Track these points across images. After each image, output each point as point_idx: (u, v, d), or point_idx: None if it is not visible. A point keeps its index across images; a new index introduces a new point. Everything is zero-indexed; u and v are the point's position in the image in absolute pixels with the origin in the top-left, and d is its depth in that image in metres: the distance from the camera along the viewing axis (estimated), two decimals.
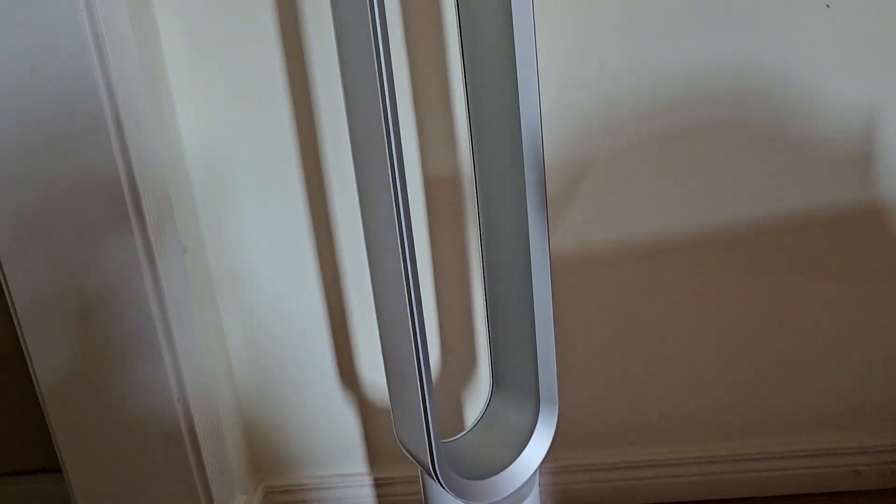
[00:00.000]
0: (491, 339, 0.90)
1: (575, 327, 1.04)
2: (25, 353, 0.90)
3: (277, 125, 0.95)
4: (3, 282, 0.86)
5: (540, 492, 1.09)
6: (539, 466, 0.86)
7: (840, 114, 0.94)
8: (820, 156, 0.96)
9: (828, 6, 0.91)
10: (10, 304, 0.87)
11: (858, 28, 0.91)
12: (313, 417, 1.10)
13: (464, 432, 0.91)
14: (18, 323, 0.88)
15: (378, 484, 1.13)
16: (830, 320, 1.04)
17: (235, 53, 0.93)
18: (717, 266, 1.01)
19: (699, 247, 1.00)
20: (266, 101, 0.94)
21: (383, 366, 0.81)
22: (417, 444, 0.78)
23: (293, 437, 1.11)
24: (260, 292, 1.03)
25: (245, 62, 0.93)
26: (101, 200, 0.81)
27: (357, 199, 0.75)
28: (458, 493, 0.80)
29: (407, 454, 0.82)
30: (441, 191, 0.98)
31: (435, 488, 0.84)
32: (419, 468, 0.83)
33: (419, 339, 0.72)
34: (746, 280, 1.02)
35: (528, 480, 0.85)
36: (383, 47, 0.63)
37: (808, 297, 1.03)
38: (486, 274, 0.87)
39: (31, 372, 0.90)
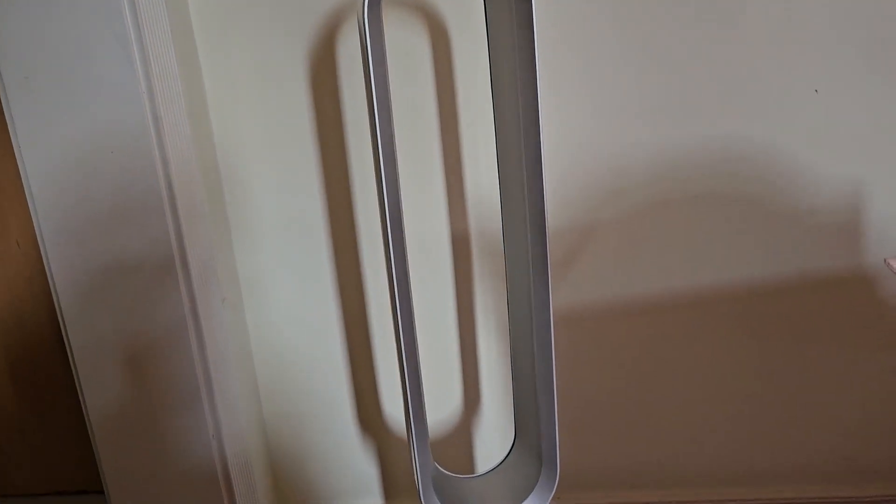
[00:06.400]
0: (513, 392, 0.97)
1: (580, 378, 1.12)
2: (78, 388, 1.00)
3: (309, 193, 1.05)
4: (62, 325, 0.97)
5: None
6: None
7: (827, 188, 1.02)
8: (808, 226, 1.04)
9: (816, 91, 0.98)
10: (67, 344, 0.97)
11: (844, 111, 0.99)
12: (334, 453, 1.19)
13: (475, 475, 1.00)
14: (74, 361, 0.98)
15: None
16: (820, 379, 1.11)
17: (275, 129, 1.03)
18: (712, 325, 1.09)
19: (695, 306, 1.08)
20: (298, 174, 1.04)
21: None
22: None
23: (315, 471, 1.20)
24: (288, 338, 1.13)
25: (284, 139, 1.03)
26: (152, 257, 0.91)
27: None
28: None
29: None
30: (464, 245, 1.08)
31: None
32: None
33: (409, 367, 0.82)
34: (741, 339, 1.09)
35: None
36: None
37: (799, 356, 1.10)
38: (510, 330, 0.95)
39: (83, 405, 1.01)
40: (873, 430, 1.13)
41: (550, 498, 0.91)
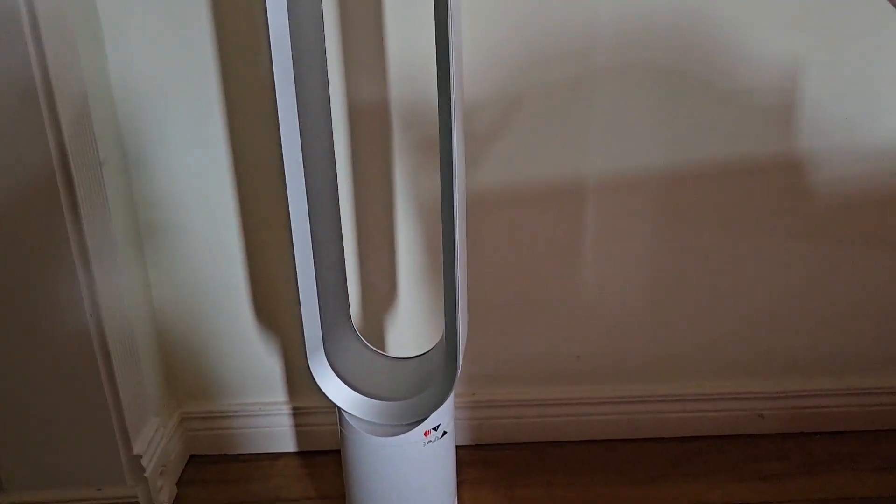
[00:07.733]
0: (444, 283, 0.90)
1: (498, 265, 1.06)
2: None
3: (203, 72, 0.94)
4: None
5: (457, 426, 1.11)
6: (421, 421, 0.87)
7: (765, 67, 0.97)
8: (744, 106, 0.99)
9: None
10: None
11: None
12: (233, 346, 1.09)
13: (385, 353, 0.94)
14: None
15: (296, 413, 1.13)
16: (743, 269, 1.08)
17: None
18: (636, 208, 1.04)
19: (619, 188, 1.02)
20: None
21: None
22: None
23: (212, 365, 1.10)
24: (183, 221, 1.01)
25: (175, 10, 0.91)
26: (9, 90, 0.78)
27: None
28: (322, 385, 0.88)
29: None
30: (367, 119, 0.98)
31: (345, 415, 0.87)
32: None
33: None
34: (665, 224, 1.05)
35: (407, 425, 0.87)
36: None
37: (725, 244, 1.06)
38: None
39: None
40: (793, 324, 1.11)
41: (451, 391, 0.85)
